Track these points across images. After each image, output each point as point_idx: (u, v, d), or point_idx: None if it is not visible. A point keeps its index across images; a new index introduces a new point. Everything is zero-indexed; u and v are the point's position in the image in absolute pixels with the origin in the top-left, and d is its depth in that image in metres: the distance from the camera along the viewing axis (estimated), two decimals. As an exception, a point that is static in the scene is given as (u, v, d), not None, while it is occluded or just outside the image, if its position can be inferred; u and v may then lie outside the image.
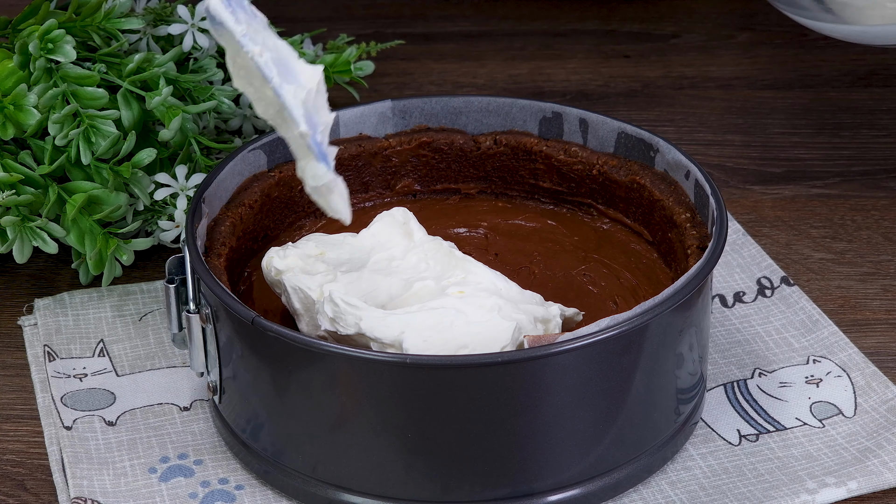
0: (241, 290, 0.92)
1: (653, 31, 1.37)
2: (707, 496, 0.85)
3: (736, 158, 1.18)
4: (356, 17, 1.39)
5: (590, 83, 1.29)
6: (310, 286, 0.87)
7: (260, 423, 0.85)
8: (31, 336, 0.98)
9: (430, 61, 1.32)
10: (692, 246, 0.89)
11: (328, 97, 1.10)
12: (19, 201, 0.96)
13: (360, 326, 0.83)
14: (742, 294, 1.00)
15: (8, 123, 0.98)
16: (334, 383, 0.81)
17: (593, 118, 0.97)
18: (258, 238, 0.96)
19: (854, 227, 1.09)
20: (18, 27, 1.04)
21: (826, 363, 0.94)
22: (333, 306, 0.84)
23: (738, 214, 1.10)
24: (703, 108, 1.25)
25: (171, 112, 0.99)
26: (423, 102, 0.99)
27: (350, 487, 0.83)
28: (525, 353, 0.79)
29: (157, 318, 0.99)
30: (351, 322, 0.84)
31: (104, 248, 0.98)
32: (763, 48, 1.34)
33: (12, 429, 0.92)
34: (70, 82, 0.99)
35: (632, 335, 0.81)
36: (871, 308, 1.00)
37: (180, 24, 1.05)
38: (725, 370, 0.94)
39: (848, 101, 1.25)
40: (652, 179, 0.94)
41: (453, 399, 0.79)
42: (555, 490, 0.83)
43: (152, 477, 0.87)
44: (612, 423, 0.83)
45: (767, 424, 0.90)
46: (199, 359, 0.88)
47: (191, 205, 0.89)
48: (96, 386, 0.94)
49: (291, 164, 0.97)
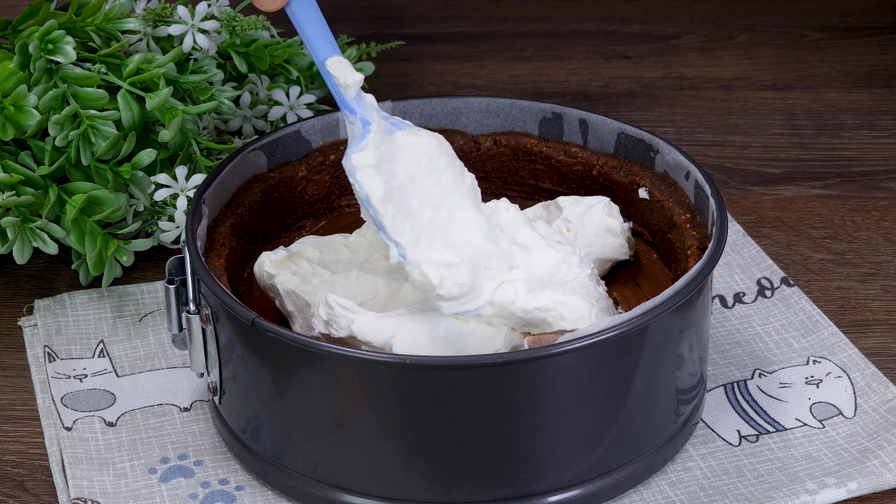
0: (241, 290, 0.92)
1: (653, 32, 1.37)
2: (707, 497, 0.85)
3: (736, 159, 1.18)
4: (356, 18, 1.39)
5: (590, 84, 1.29)
6: (303, 288, 0.87)
7: (260, 423, 0.85)
8: (31, 337, 0.98)
9: (431, 62, 1.32)
10: (692, 247, 0.89)
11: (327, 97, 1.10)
12: (19, 202, 0.96)
13: (352, 330, 0.83)
14: (742, 295, 1.00)
15: (8, 124, 0.98)
16: (334, 384, 0.81)
17: (593, 119, 0.97)
18: (258, 239, 0.96)
19: (854, 228, 1.09)
20: (18, 28, 1.04)
21: (826, 364, 0.94)
22: (328, 309, 0.84)
23: (738, 215, 1.10)
24: (703, 108, 1.25)
25: (171, 113, 0.99)
26: (423, 103, 0.99)
27: (350, 488, 0.83)
28: (525, 354, 0.79)
29: (157, 319, 0.99)
30: (344, 325, 0.84)
31: (104, 249, 0.98)
32: (763, 48, 1.34)
33: (12, 429, 0.92)
34: (70, 83, 0.99)
35: (632, 336, 0.81)
36: (871, 309, 1.00)
37: (180, 24, 1.05)
38: (725, 371, 0.94)
39: (848, 102, 1.25)
40: (652, 180, 0.94)
41: (453, 400, 0.79)
42: (555, 491, 0.83)
43: (152, 477, 0.87)
44: (613, 424, 0.83)
45: (767, 425, 0.90)
46: (199, 359, 0.88)
47: (191, 205, 0.89)
48: (96, 386, 0.94)
49: (291, 164, 0.97)
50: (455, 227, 0.85)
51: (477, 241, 0.85)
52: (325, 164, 0.98)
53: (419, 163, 0.86)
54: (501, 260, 0.85)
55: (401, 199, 0.84)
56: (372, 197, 0.83)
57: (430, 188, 0.85)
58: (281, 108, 1.10)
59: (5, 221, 0.96)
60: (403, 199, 0.84)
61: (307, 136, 0.98)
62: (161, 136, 0.99)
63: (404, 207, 0.84)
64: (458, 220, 0.85)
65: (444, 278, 0.82)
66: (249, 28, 1.06)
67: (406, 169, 0.85)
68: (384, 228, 0.83)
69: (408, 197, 0.84)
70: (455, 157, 0.87)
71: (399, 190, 0.84)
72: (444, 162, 0.86)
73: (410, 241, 0.83)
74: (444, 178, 0.86)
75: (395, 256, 0.83)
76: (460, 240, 0.85)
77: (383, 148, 0.85)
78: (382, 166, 0.84)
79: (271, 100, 1.11)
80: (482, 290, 0.84)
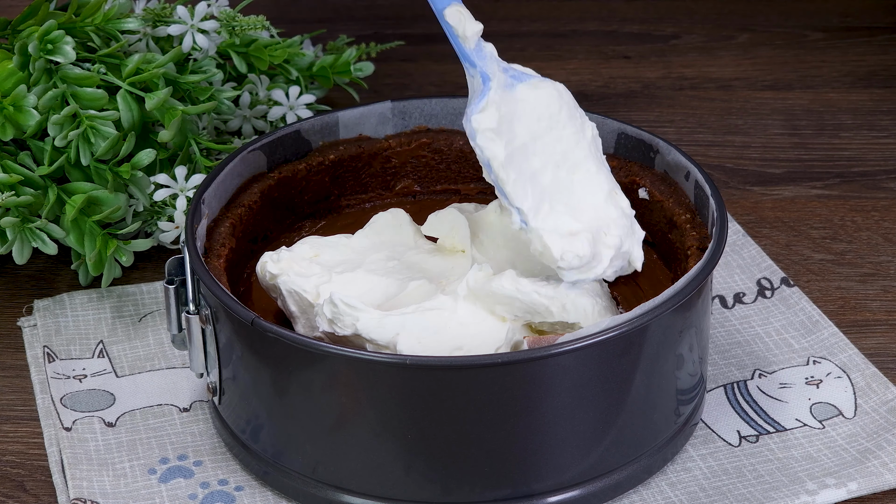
0: (241, 290, 0.92)
1: (653, 32, 1.37)
2: (707, 497, 0.85)
3: (736, 159, 1.18)
4: (356, 18, 1.39)
5: (590, 84, 1.29)
6: (305, 288, 0.87)
7: (260, 424, 0.85)
8: (30, 337, 0.98)
9: (430, 62, 1.32)
10: (692, 247, 0.89)
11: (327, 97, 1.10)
12: (19, 202, 0.96)
13: (356, 327, 0.83)
14: (742, 295, 1.00)
15: (7, 124, 0.98)
16: (334, 384, 0.81)
17: (593, 119, 0.96)
18: (258, 239, 0.96)
19: (854, 228, 1.09)
20: (18, 28, 1.04)
21: (826, 364, 0.94)
22: (332, 307, 0.84)
23: (738, 215, 1.10)
24: (702, 108, 1.25)
25: (171, 113, 0.99)
26: (422, 103, 0.99)
27: (350, 488, 0.83)
28: (525, 355, 0.79)
29: (156, 320, 0.99)
30: (348, 323, 0.84)
31: (104, 249, 0.98)
32: (763, 48, 1.34)
33: (12, 430, 0.92)
34: (70, 83, 0.99)
35: (632, 336, 0.81)
36: (871, 309, 1.00)
37: (180, 24, 1.05)
38: (725, 371, 0.94)
39: (848, 102, 1.25)
40: (652, 180, 0.94)
41: (453, 400, 0.79)
42: (555, 491, 0.83)
43: (152, 478, 0.87)
44: (612, 424, 0.83)
45: (767, 425, 0.90)
46: (199, 360, 0.88)
47: (190, 206, 0.89)
48: (96, 387, 0.94)
49: (291, 164, 0.97)
50: (577, 187, 0.85)
51: (598, 204, 0.85)
52: (325, 164, 0.98)
53: (540, 119, 0.85)
54: (621, 221, 0.85)
55: (522, 161, 0.83)
56: (493, 162, 0.82)
57: (551, 145, 0.85)
58: (281, 108, 1.10)
59: (5, 222, 0.95)
60: (525, 159, 0.83)
61: (307, 136, 0.97)
62: (161, 137, 0.99)
63: (526, 169, 0.83)
64: (579, 180, 0.85)
65: (566, 251, 0.82)
66: (249, 28, 1.06)
67: (527, 127, 0.84)
68: (506, 195, 0.83)
69: (529, 157, 0.84)
70: (576, 108, 0.87)
71: (521, 150, 0.83)
72: (566, 115, 0.86)
73: (532, 207, 0.83)
74: (565, 134, 0.85)
75: (517, 223, 0.83)
76: (582, 203, 0.84)
77: (504, 107, 0.84)
78: (503, 127, 0.83)
79: (271, 100, 1.11)
80: (601, 258, 0.84)
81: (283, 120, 1.11)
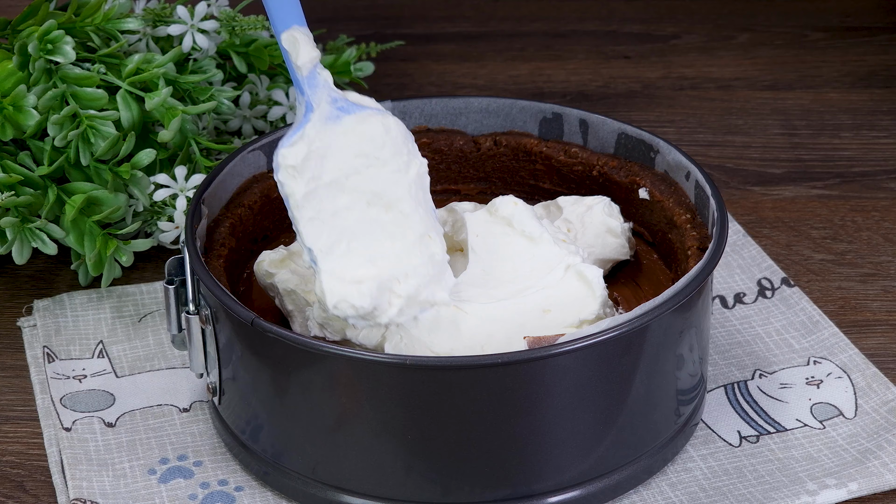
0: (241, 291, 0.92)
1: (653, 32, 1.37)
2: (707, 497, 0.85)
3: (736, 159, 1.18)
4: (356, 17, 1.39)
5: (590, 84, 1.29)
6: (302, 288, 0.87)
7: (259, 424, 0.84)
8: (30, 337, 0.98)
9: (430, 62, 1.32)
10: (692, 247, 0.89)
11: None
12: (19, 202, 0.96)
13: (345, 333, 0.84)
14: (742, 295, 1.00)
15: (7, 124, 0.98)
16: (334, 384, 0.81)
17: (593, 119, 0.97)
18: (258, 239, 0.96)
19: (854, 228, 1.09)
20: (18, 28, 1.03)
21: (826, 364, 0.94)
22: (322, 312, 0.84)
23: (738, 215, 1.10)
24: (703, 108, 1.25)
25: (171, 113, 0.99)
26: (422, 103, 0.99)
27: (350, 489, 0.83)
28: (525, 355, 0.79)
29: (156, 320, 0.99)
30: (338, 328, 0.84)
31: (103, 250, 0.98)
32: (763, 48, 1.34)
33: (12, 430, 0.91)
34: (69, 83, 0.99)
35: (632, 336, 0.81)
36: (872, 309, 1.00)
37: (180, 24, 1.05)
38: (726, 371, 0.94)
39: (848, 102, 1.25)
40: (652, 180, 0.94)
41: (453, 400, 0.79)
42: (555, 491, 0.83)
43: (152, 478, 0.87)
44: (613, 425, 0.83)
45: (768, 426, 0.90)
46: (199, 360, 0.88)
47: (190, 206, 0.89)
48: (96, 387, 0.94)
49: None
50: (386, 228, 0.83)
51: (403, 249, 0.83)
52: (325, 164, 0.98)
53: (358, 154, 0.84)
54: (422, 269, 0.83)
55: (326, 198, 0.82)
56: (290, 200, 0.82)
57: (365, 182, 0.83)
58: (280, 108, 1.10)
59: (4, 222, 0.95)
60: (330, 197, 0.82)
61: (307, 137, 0.97)
62: (160, 137, 0.99)
63: (328, 207, 0.82)
64: (391, 220, 0.84)
65: (341, 300, 0.81)
66: (249, 28, 1.06)
67: (342, 162, 0.83)
68: (299, 233, 0.82)
69: (336, 194, 0.83)
70: (403, 144, 0.85)
71: (328, 187, 0.82)
72: (389, 152, 0.84)
73: (325, 247, 0.82)
74: (383, 171, 0.84)
75: (307, 261, 0.82)
76: (383, 247, 0.83)
77: (318, 142, 0.83)
78: (312, 163, 0.82)
79: (271, 100, 1.11)
80: (387, 307, 0.82)
81: (283, 120, 1.11)
